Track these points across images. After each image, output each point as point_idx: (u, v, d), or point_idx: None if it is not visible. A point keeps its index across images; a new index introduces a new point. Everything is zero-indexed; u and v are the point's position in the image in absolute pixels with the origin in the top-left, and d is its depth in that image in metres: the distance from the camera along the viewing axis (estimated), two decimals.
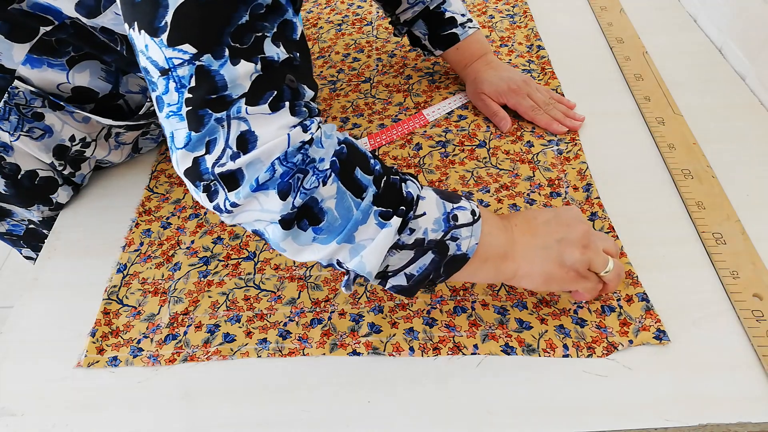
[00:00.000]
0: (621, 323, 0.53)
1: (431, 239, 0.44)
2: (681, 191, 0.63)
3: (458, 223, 0.45)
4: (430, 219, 0.44)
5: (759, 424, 0.46)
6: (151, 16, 0.37)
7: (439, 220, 0.45)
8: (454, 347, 0.52)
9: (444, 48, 0.77)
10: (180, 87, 0.38)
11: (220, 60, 0.38)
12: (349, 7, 0.98)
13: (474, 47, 0.77)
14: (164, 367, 0.53)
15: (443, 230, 0.45)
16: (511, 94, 0.73)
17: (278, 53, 0.40)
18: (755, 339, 0.50)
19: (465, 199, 0.47)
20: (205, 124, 0.38)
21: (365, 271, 0.43)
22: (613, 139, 0.71)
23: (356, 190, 0.42)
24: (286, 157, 0.39)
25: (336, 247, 0.42)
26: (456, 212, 0.46)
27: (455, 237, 0.45)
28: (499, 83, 0.74)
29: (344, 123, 0.76)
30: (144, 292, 0.59)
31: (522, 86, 0.74)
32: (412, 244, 0.44)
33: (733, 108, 0.73)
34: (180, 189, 0.70)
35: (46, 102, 0.59)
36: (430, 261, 0.45)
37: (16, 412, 0.51)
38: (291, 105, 0.40)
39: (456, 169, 0.68)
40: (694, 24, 0.87)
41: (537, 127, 0.73)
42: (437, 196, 0.46)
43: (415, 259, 0.45)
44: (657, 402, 0.47)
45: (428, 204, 0.45)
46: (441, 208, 0.45)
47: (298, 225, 0.41)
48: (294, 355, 0.53)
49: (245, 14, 0.38)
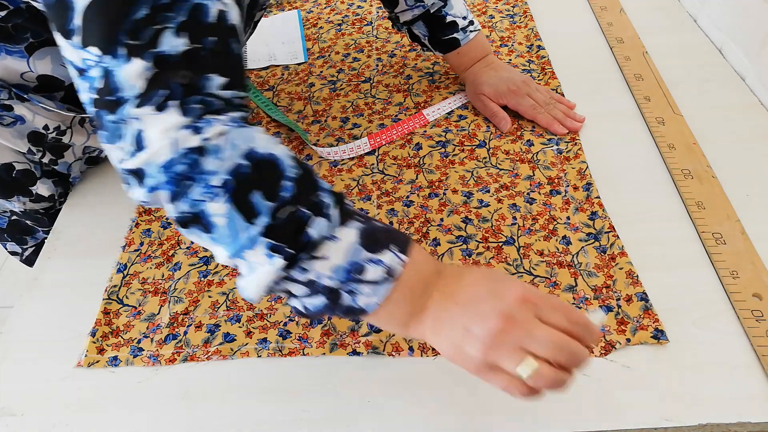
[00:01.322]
0: (618, 322, 0.53)
1: (324, 285, 0.40)
2: (681, 191, 0.63)
3: (362, 278, 0.40)
4: (329, 266, 0.39)
5: (759, 424, 0.46)
6: (63, 19, 0.37)
7: (339, 270, 0.39)
8: None
9: (444, 51, 0.77)
10: (90, 88, 0.38)
11: (118, 60, 0.37)
12: (349, 7, 0.98)
13: (475, 51, 0.77)
14: (164, 367, 0.53)
15: (340, 281, 0.40)
16: (511, 94, 0.73)
17: (176, 47, 0.37)
18: (755, 339, 0.50)
19: (394, 253, 0.41)
20: (105, 124, 0.38)
21: (245, 296, 0.41)
22: (613, 139, 0.71)
23: (248, 214, 0.38)
24: (170, 165, 0.37)
25: (231, 261, 0.40)
26: (367, 266, 0.40)
27: (352, 291, 0.40)
28: (498, 84, 0.74)
29: (344, 123, 0.76)
30: (144, 292, 0.59)
31: (522, 86, 0.74)
32: (304, 282, 0.40)
33: (733, 108, 0.73)
34: None
35: (12, 94, 0.59)
36: (323, 304, 0.41)
37: (16, 412, 0.51)
38: (181, 103, 0.37)
39: (456, 169, 0.68)
40: (694, 24, 0.87)
41: (537, 126, 0.73)
42: (358, 241, 0.40)
43: (310, 295, 0.41)
44: (657, 402, 0.47)
45: (337, 248, 0.39)
46: (350, 257, 0.40)
47: (192, 227, 0.40)
48: (294, 354, 0.53)
49: (145, 8, 0.37)
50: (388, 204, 0.65)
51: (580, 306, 0.54)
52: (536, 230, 0.61)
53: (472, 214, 0.63)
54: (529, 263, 0.58)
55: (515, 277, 0.56)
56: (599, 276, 0.56)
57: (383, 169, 0.70)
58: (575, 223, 0.61)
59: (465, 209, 0.64)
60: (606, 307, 0.54)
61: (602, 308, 0.54)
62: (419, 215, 0.64)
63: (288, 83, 0.84)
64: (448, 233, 0.62)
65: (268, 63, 0.88)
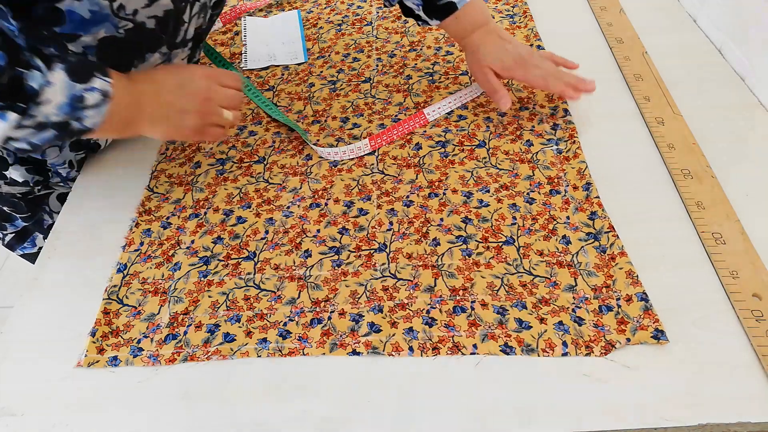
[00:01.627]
0: (618, 322, 0.53)
1: (53, 122, 0.51)
2: (681, 191, 0.63)
3: (85, 105, 0.52)
4: (54, 105, 0.50)
5: (759, 424, 0.46)
6: None
7: (64, 106, 0.50)
8: (453, 347, 0.52)
9: (441, 18, 0.72)
10: None
11: None
12: (349, 7, 0.98)
13: (475, 15, 0.72)
14: (164, 367, 0.53)
15: (66, 114, 0.51)
16: (518, 67, 0.70)
17: None
18: (755, 339, 0.50)
19: (100, 77, 0.53)
20: None
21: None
22: (612, 139, 0.71)
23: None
24: None
25: None
26: (85, 95, 0.51)
27: (79, 118, 0.52)
28: (504, 57, 0.70)
29: (344, 123, 0.76)
30: (144, 292, 0.59)
31: (528, 58, 0.71)
32: (34, 126, 0.50)
33: (733, 108, 0.73)
34: (180, 189, 0.70)
35: None
36: (52, 135, 0.52)
37: (16, 412, 0.51)
38: None
39: (456, 169, 0.68)
40: (694, 24, 0.87)
41: (536, 125, 0.73)
42: (67, 77, 0.50)
43: (36, 133, 0.51)
44: (656, 402, 0.48)
45: (54, 91, 0.50)
46: (68, 92, 0.50)
47: None
48: (294, 355, 0.53)
49: None
50: (388, 204, 0.65)
51: (579, 306, 0.54)
52: (536, 230, 0.61)
53: (472, 214, 0.63)
54: (528, 263, 0.58)
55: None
56: (599, 276, 0.56)
57: (383, 169, 0.70)
58: (575, 223, 0.61)
59: (465, 209, 0.64)
60: (605, 307, 0.54)
61: (603, 308, 0.54)
62: (419, 215, 0.64)
63: (288, 83, 0.84)
64: (448, 233, 0.62)
65: (268, 63, 0.88)
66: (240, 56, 0.90)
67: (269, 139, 0.75)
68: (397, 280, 0.58)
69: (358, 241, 0.62)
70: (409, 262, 0.59)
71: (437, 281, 0.57)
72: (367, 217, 0.64)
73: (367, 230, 0.63)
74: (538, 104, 0.76)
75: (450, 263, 0.59)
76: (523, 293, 0.56)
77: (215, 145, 0.75)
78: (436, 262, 0.59)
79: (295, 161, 0.72)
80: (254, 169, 0.71)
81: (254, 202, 0.67)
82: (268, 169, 0.71)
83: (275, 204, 0.67)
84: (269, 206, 0.67)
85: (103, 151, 0.76)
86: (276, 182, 0.69)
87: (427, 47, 0.88)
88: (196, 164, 0.73)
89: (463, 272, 0.58)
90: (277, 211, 0.66)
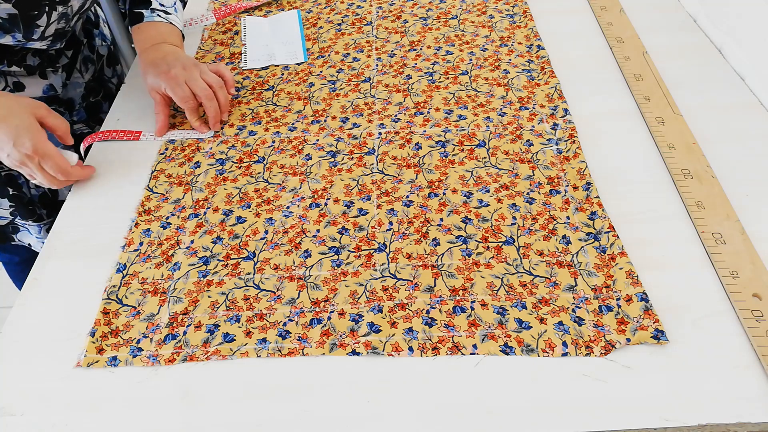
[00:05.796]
0: (618, 322, 0.53)
1: None
2: (681, 191, 0.63)
3: None
4: None
5: (759, 424, 0.46)
6: None
7: None
8: (453, 347, 0.52)
9: (130, 24, 0.80)
10: None
11: None
12: (349, 7, 0.98)
13: (156, 33, 0.78)
14: (164, 367, 0.53)
15: None
16: (166, 77, 0.73)
17: None
18: (755, 339, 0.50)
19: None
20: None
21: None
22: (612, 139, 0.71)
23: None
24: None
25: None
26: None
27: None
28: (159, 64, 0.74)
29: (344, 123, 0.76)
30: (143, 292, 0.59)
31: (180, 72, 0.73)
32: None
33: (733, 108, 0.73)
34: (180, 189, 0.70)
35: None
36: None
37: (16, 412, 0.51)
38: None
39: (456, 169, 0.68)
40: (694, 24, 0.87)
41: (536, 125, 0.73)
42: None
43: None
44: (656, 402, 0.47)
45: None
46: None
47: None
48: (293, 355, 0.53)
49: None
50: (387, 204, 0.65)
51: (579, 306, 0.54)
52: (536, 230, 0.61)
53: (472, 213, 0.63)
54: (528, 263, 0.58)
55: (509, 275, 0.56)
56: (599, 276, 0.56)
57: (383, 169, 0.70)
58: (575, 223, 0.61)
59: (465, 209, 0.64)
60: (605, 307, 0.54)
61: (603, 308, 0.54)
62: (419, 215, 0.64)
63: (288, 83, 0.84)
64: (448, 233, 0.62)
65: (268, 63, 0.88)
66: (240, 56, 0.90)
67: (269, 139, 0.75)
68: (397, 280, 0.58)
69: (358, 241, 0.62)
70: (409, 262, 0.59)
71: (437, 281, 0.57)
72: (366, 217, 0.64)
73: (367, 230, 0.63)
74: (538, 104, 0.76)
75: (450, 263, 0.59)
76: (523, 293, 0.56)
77: (215, 145, 0.75)
78: (436, 262, 0.59)
79: (295, 161, 0.72)
80: (254, 168, 0.71)
81: (254, 202, 0.67)
82: (267, 168, 0.71)
83: (275, 204, 0.67)
84: (269, 206, 0.67)
85: (102, 152, 0.76)
86: (275, 182, 0.69)
87: (427, 47, 0.88)
88: (195, 164, 0.73)
89: (462, 272, 0.58)
90: (277, 211, 0.66)
